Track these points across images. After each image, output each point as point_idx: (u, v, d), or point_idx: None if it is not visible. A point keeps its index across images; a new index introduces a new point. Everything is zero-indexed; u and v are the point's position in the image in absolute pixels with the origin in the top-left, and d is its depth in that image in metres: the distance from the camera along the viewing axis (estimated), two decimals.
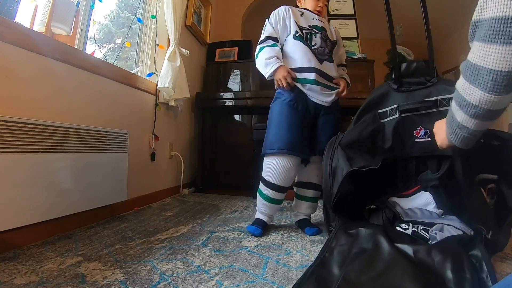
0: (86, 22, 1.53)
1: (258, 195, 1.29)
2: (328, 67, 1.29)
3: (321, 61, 1.27)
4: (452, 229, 0.90)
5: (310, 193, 1.34)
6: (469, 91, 0.58)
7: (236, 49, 2.78)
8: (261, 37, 1.31)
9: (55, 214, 1.12)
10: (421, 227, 0.94)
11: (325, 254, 0.85)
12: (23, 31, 1.06)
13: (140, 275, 0.82)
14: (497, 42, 0.50)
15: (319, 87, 1.24)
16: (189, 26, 2.39)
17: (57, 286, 0.74)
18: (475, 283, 0.65)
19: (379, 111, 1.17)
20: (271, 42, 1.28)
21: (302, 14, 1.34)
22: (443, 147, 0.79)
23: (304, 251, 1.04)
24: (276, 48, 1.26)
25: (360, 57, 2.59)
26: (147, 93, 1.87)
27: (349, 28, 2.91)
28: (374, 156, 1.10)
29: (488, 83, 0.53)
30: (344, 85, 1.33)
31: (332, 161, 1.09)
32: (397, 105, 1.12)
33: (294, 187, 1.38)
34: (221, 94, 2.47)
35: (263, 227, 1.25)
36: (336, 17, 2.96)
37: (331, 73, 1.29)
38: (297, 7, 1.41)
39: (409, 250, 0.79)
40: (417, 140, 1.10)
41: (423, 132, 1.09)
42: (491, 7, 0.50)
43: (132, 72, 1.79)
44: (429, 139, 1.07)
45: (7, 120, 0.94)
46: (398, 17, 1.80)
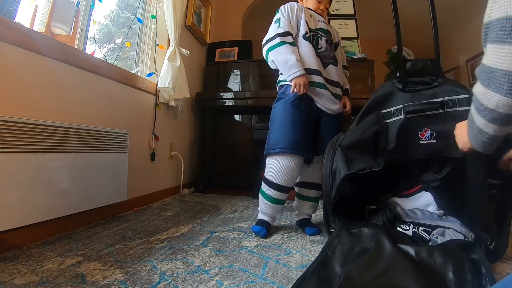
0: (86, 22, 1.52)
1: (260, 196, 1.28)
2: (332, 72, 1.28)
3: (325, 65, 1.27)
4: (453, 232, 0.90)
5: (312, 193, 1.34)
6: (486, 95, 0.56)
7: (236, 49, 2.78)
8: (278, 30, 1.23)
9: (55, 214, 1.12)
10: (422, 229, 0.94)
11: (327, 252, 0.85)
12: (23, 31, 1.06)
13: (140, 275, 0.82)
14: (510, 42, 0.47)
15: (327, 92, 1.24)
16: (189, 26, 2.39)
17: (57, 286, 0.74)
18: (476, 285, 0.65)
19: (383, 111, 1.13)
20: (290, 39, 1.23)
21: (311, 15, 1.33)
22: (465, 150, 0.77)
23: (304, 251, 1.04)
24: (296, 48, 1.23)
25: (360, 57, 2.58)
26: (147, 93, 1.87)
27: (349, 28, 2.91)
28: (376, 157, 1.08)
29: (504, 85, 0.51)
30: (350, 105, 1.36)
31: (332, 162, 1.08)
32: (402, 106, 1.09)
33: (295, 187, 1.37)
34: (221, 94, 2.47)
35: (267, 228, 1.25)
36: (336, 17, 2.96)
37: (335, 78, 1.29)
38: None
39: (411, 250, 0.79)
40: (422, 142, 1.07)
41: (428, 133, 1.06)
42: (500, 7, 0.48)
43: (132, 72, 1.79)
44: (435, 141, 1.04)
45: (7, 120, 0.94)
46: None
